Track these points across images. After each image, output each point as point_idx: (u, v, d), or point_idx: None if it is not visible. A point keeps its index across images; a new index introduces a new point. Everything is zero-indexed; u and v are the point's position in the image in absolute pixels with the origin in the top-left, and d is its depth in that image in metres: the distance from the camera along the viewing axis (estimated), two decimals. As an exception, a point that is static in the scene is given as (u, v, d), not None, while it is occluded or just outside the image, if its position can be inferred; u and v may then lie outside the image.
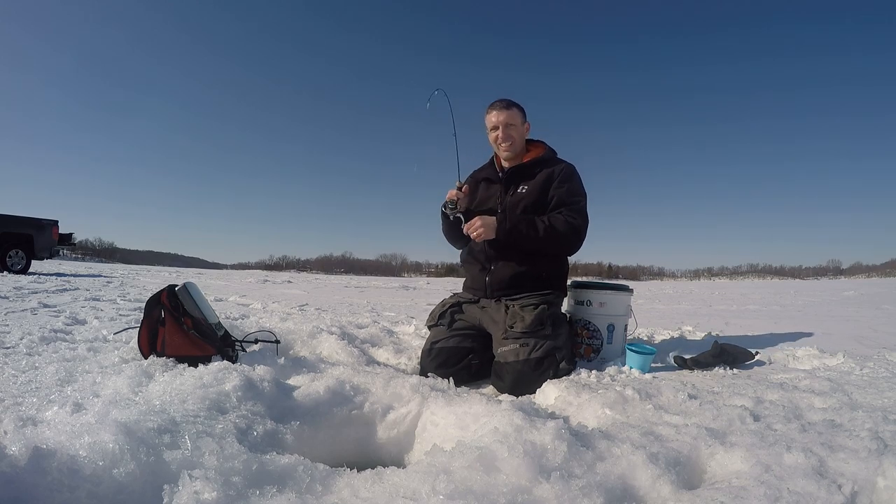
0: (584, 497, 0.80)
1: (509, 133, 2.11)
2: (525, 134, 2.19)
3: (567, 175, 2.06)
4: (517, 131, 2.13)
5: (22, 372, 1.53)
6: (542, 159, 2.12)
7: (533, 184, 2.07)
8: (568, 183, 2.04)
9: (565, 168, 2.08)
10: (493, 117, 2.13)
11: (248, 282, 11.86)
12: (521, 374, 1.73)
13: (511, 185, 2.12)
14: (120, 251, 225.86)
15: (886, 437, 1.03)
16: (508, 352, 1.80)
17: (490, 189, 2.18)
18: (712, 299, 8.38)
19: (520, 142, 2.15)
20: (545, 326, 1.84)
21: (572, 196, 2.01)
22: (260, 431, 1.12)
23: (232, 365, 1.48)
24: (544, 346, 1.77)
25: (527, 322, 1.83)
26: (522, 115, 2.16)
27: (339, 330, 2.48)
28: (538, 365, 1.74)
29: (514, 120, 2.11)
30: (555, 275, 2.06)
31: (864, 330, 3.17)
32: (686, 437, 1.06)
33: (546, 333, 1.83)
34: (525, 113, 2.18)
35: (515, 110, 2.13)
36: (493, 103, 2.17)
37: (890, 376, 1.64)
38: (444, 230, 2.27)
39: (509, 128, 2.11)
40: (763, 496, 0.80)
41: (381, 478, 0.87)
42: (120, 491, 0.80)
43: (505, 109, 2.12)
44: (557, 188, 2.03)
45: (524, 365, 1.74)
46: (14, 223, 9.67)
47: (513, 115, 2.11)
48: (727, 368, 1.82)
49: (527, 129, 2.19)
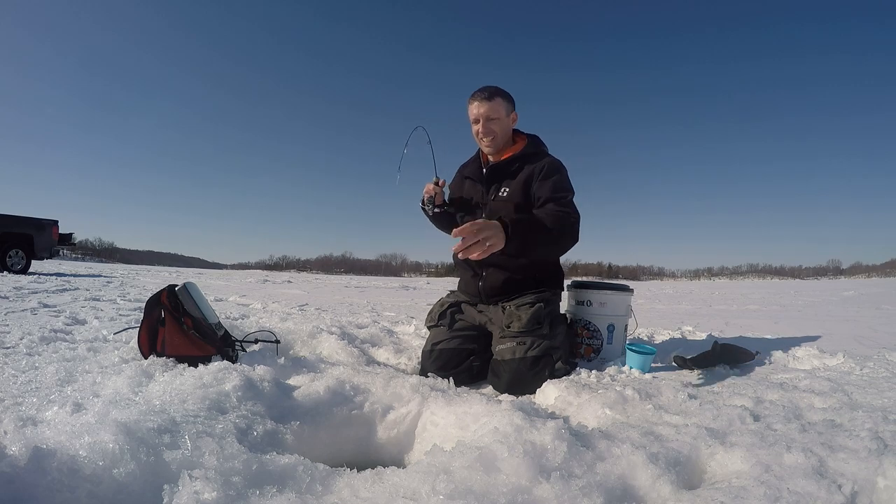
0: (584, 497, 0.80)
1: (490, 127, 1.92)
2: (511, 125, 1.99)
3: (550, 169, 1.87)
4: (500, 125, 1.93)
5: (22, 372, 1.53)
6: (523, 155, 1.94)
7: (514, 184, 1.90)
8: (552, 177, 1.85)
9: (548, 163, 1.89)
10: (475, 109, 1.93)
11: (248, 282, 11.86)
12: (518, 373, 1.71)
13: (493, 185, 1.97)
14: (120, 251, 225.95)
15: (886, 437, 1.03)
16: (505, 350, 1.78)
17: (474, 188, 2.04)
18: (712, 299, 8.38)
19: (503, 136, 1.96)
20: (542, 325, 1.80)
21: (557, 192, 1.83)
22: (260, 431, 1.12)
23: (232, 365, 1.48)
24: (541, 345, 1.75)
25: (523, 321, 1.79)
26: (508, 106, 1.95)
27: (339, 330, 2.48)
28: (535, 363, 1.71)
29: (496, 112, 1.91)
30: (550, 274, 2.00)
31: (864, 330, 3.17)
32: (686, 437, 1.06)
33: (543, 332, 1.79)
34: (513, 101, 1.97)
35: (499, 100, 1.92)
36: (475, 93, 1.94)
37: (890, 376, 1.64)
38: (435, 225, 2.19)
39: (491, 121, 1.92)
40: (763, 496, 0.80)
41: (381, 478, 0.87)
42: (120, 491, 0.80)
43: (486, 101, 1.91)
44: (541, 184, 1.85)
45: (520, 363, 1.72)
46: (14, 223, 9.68)
47: (495, 107, 1.91)
48: (727, 368, 1.82)
49: (513, 120, 1.99)
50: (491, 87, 1.93)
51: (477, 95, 1.93)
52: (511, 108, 1.96)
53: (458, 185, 2.16)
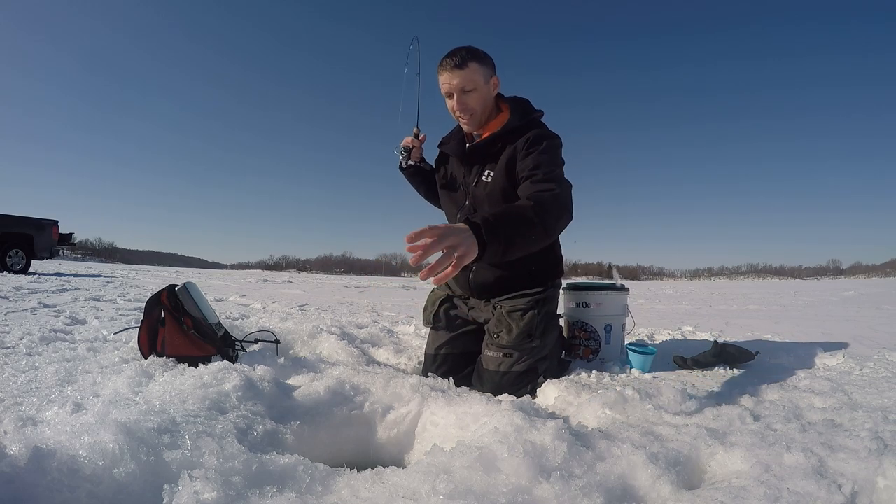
0: (584, 497, 0.80)
1: (466, 102, 1.60)
2: (491, 94, 1.66)
3: (533, 142, 1.55)
4: (478, 97, 1.61)
5: (22, 372, 1.53)
6: (505, 131, 1.62)
7: (497, 168, 1.62)
8: (535, 151, 1.54)
9: (532, 136, 1.56)
10: (445, 81, 1.59)
11: (248, 282, 11.86)
12: (500, 386, 1.66)
13: (474, 167, 1.71)
14: (120, 251, 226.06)
15: (886, 437, 1.03)
16: (491, 359, 1.70)
17: (458, 167, 1.78)
18: (712, 299, 8.38)
19: (482, 110, 1.65)
20: (532, 338, 1.68)
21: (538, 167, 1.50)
22: (260, 431, 1.12)
23: (232, 365, 1.48)
24: (529, 360, 1.67)
25: (513, 335, 1.67)
26: (486, 70, 1.61)
27: (339, 330, 2.48)
28: (518, 379, 1.66)
29: (471, 82, 1.58)
30: (547, 266, 1.79)
31: (864, 330, 3.17)
32: (686, 437, 1.06)
33: (532, 346, 1.68)
34: (491, 64, 1.63)
35: (474, 66, 1.57)
36: (444, 59, 1.59)
37: (890, 376, 1.64)
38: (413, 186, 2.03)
39: (466, 94, 1.59)
40: (763, 496, 0.80)
41: (381, 478, 0.87)
42: (120, 491, 0.80)
43: (458, 69, 1.56)
44: (522, 160, 1.55)
45: (503, 378, 1.67)
46: (14, 223, 9.69)
47: (470, 76, 1.57)
48: (727, 368, 1.82)
49: (494, 87, 1.66)
50: (462, 50, 1.58)
51: (446, 63, 1.58)
52: (490, 73, 1.63)
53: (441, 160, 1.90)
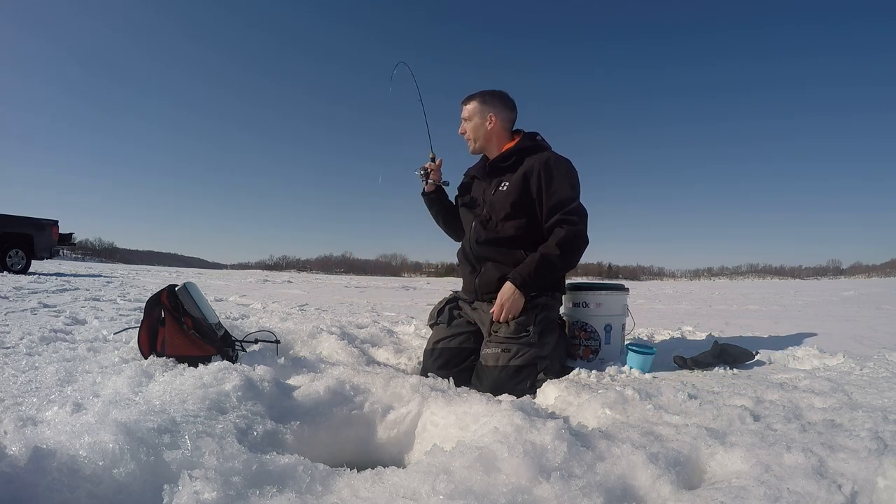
0: (584, 497, 0.80)
1: (464, 128, 2.03)
2: (489, 128, 1.99)
3: (550, 169, 1.85)
4: (471, 126, 2.01)
5: (22, 372, 1.53)
6: (519, 149, 1.94)
7: (514, 178, 1.90)
8: (553, 181, 1.84)
9: (548, 159, 1.87)
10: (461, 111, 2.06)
11: (248, 282, 11.86)
12: (499, 381, 1.69)
13: (493, 180, 1.99)
14: (120, 251, 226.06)
15: (886, 437, 1.03)
16: (489, 355, 1.75)
17: (479, 186, 2.08)
18: (712, 299, 8.37)
19: (478, 138, 2.02)
20: (529, 333, 1.76)
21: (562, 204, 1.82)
22: (260, 431, 1.12)
23: (232, 365, 1.48)
24: (526, 353, 1.71)
25: (511, 327, 1.77)
26: (483, 108, 1.99)
27: (339, 330, 2.48)
28: (517, 373, 1.69)
29: (470, 114, 2.00)
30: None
31: (864, 330, 3.17)
32: (686, 437, 1.06)
33: (530, 341, 1.74)
34: (495, 104, 2.00)
35: (474, 104, 2.00)
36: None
37: (890, 376, 1.64)
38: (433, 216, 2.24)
39: (466, 122, 2.02)
40: (763, 496, 0.80)
41: (381, 478, 0.88)
42: (120, 491, 0.80)
43: (463, 104, 2.03)
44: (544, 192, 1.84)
45: (502, 372, 1.70)
46: (14, 223, 9.68)
47: (470, 109, 2.00)
48: (727, 368, 1.82)
49: (491, 121, 1.99)
50: (474, 92, 2.04)
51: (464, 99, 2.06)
52: (488, 110, 1.99)
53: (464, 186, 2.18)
